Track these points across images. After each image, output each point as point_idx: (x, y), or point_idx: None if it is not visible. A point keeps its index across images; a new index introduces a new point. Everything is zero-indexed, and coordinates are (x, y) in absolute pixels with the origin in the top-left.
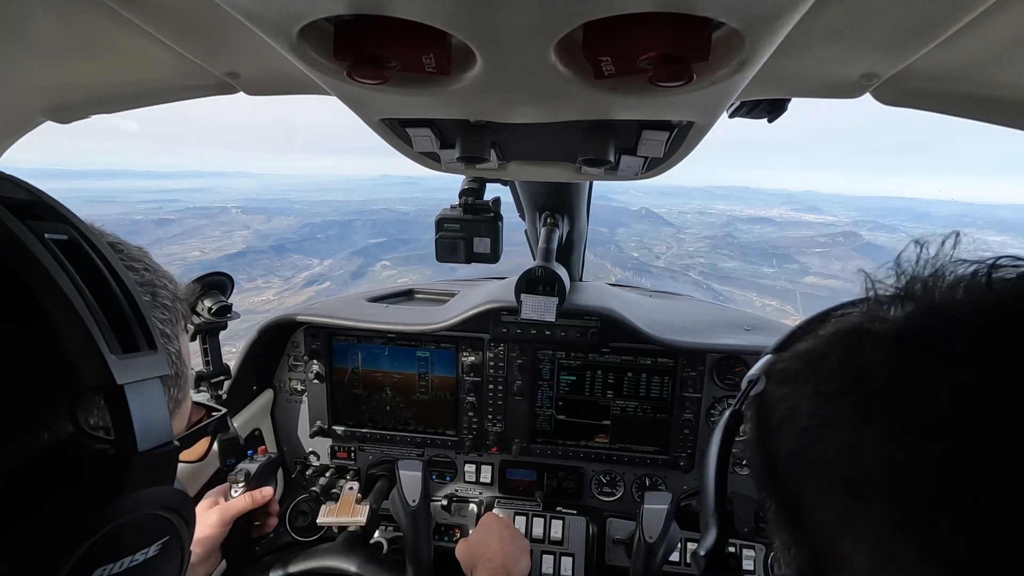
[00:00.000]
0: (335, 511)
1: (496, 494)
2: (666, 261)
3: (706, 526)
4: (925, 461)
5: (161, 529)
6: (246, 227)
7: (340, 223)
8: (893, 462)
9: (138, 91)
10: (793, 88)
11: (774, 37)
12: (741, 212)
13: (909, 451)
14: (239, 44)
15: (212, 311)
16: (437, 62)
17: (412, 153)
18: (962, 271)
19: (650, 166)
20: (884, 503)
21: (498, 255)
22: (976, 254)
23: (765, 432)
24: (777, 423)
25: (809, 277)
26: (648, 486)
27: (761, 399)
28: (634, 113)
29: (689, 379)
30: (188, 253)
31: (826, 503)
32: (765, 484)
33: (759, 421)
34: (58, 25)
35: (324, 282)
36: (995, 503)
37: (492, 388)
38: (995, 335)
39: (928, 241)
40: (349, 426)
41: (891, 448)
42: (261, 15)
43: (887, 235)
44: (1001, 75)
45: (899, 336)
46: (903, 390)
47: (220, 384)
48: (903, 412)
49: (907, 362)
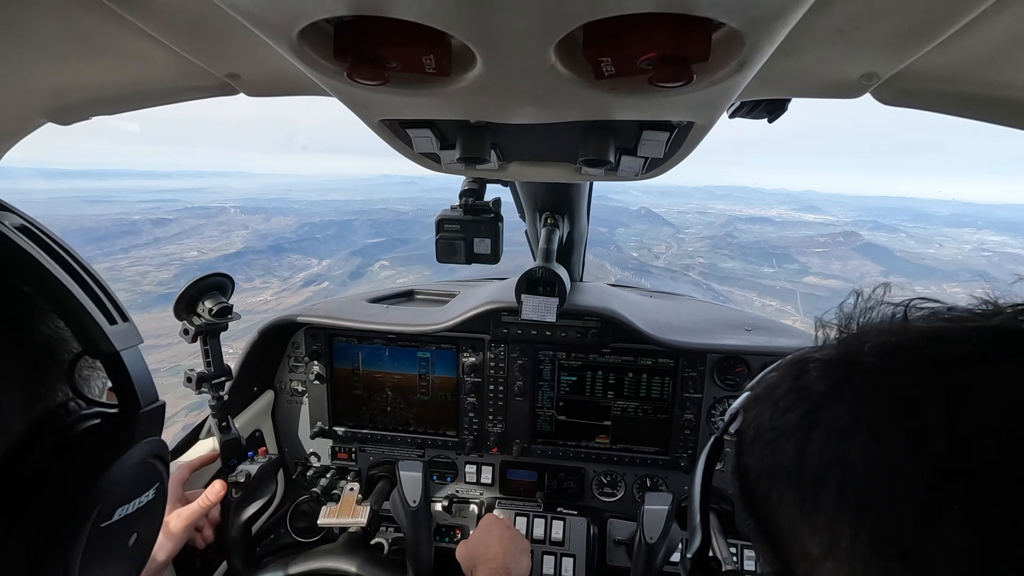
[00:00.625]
0: (336, 512)
1: (497, 495)
2: (665, 261)
3: (692, 532)
4: (851, 453)
5: (155, 474)
6: (244, 227)
7: (339, 223)
8: (830, 459)
9: (138, 92)
10: (793, 88)
11: (774, 37)
12: (740, 212)
13: (840, 448)
14: (239, 45)
15: (213, 312)
16: (437, 63)
17: (412, 154)
18: (886, 310)
19: (650, 166)
20: (826, 493)
21: (498, 256)
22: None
23: (741, 454)
24: (749, 442)
25: (809, 277)
26: (649, 486)
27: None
28: (634, 113)
29: (690, 379)
30: (186, 253)
31: (786, 504)
32: (744, 503)
33: (738, 446)
34: (59, 26)
35: (322, 282)
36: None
37: (493, 389)
38: (902, 355)
39: (864, 290)
40: (350, 427)
41: (827, 447)
42: (261, 16)
43: (887, 235)
44: (1002, 74)
45: (832, 361)
46: (834, 400)
47: (221, 385)
48: (834, 416)
49: (836, 378)
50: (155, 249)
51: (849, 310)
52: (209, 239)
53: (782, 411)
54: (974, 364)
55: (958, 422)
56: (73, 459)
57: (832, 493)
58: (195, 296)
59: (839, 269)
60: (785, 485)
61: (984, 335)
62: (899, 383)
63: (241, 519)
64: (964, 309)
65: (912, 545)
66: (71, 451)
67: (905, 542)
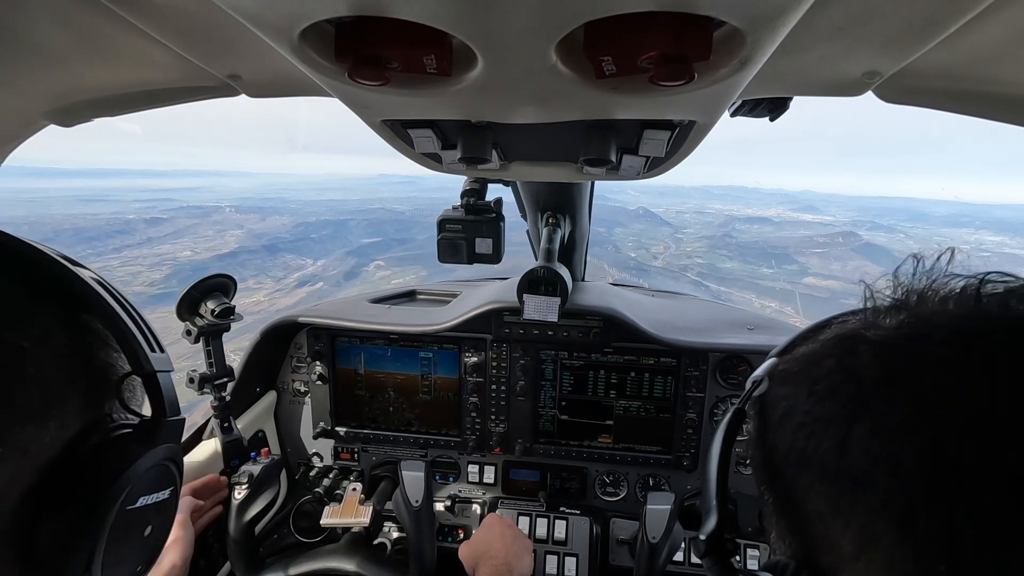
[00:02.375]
0: (338, 512)
1: (499, 494)
2: (664, 261)
3: (708, 512)
4: (905, 456)
5: (171, 478)
6: (239, 226)
7: (335, 223)
8: (877, 456)
9: (140, 94)
10: (795, 86)
11: (775, 35)
12: (739, 212)
13: (892, 447)
14: (240, 46)
15: (215, 313)
16: (438, 63)
17: (414, 154)
18: (953, 284)
19: (652, 165)
20: (868, 493)
21: (500, 255)
22: (969, 268)
23: (765, 429)
24: (776, 420)
25: (808, 278)
26: (652, 486)
27: (763, 399)
28: (635, 113)
29: (692, 379)
30: (179, 253)
31: (817, 494)
32: (764, 478)
33: (760, 419)
34: (61, 29)
35: (316, 283)
36: (966, 495)
37: (495, 388)
38: (976, 346)
39: (925, 256)
40: (352, 427)
41: (876, 444)
42: (262, 17)
43: (885, 235)
44: (1004, 71)
45: (890, 343)
46: (890, 391)
47: (224, 386)
48: (888, 411)
49: (895, 366)
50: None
51: (907, 278)
52: (203, 239)
53: (821, 394)
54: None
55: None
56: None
57: (877, 494)
58: (197, 297)
59: (838, 269)
60: (818, 475)
61: None
62: (972, 383)
63: (244, 520)
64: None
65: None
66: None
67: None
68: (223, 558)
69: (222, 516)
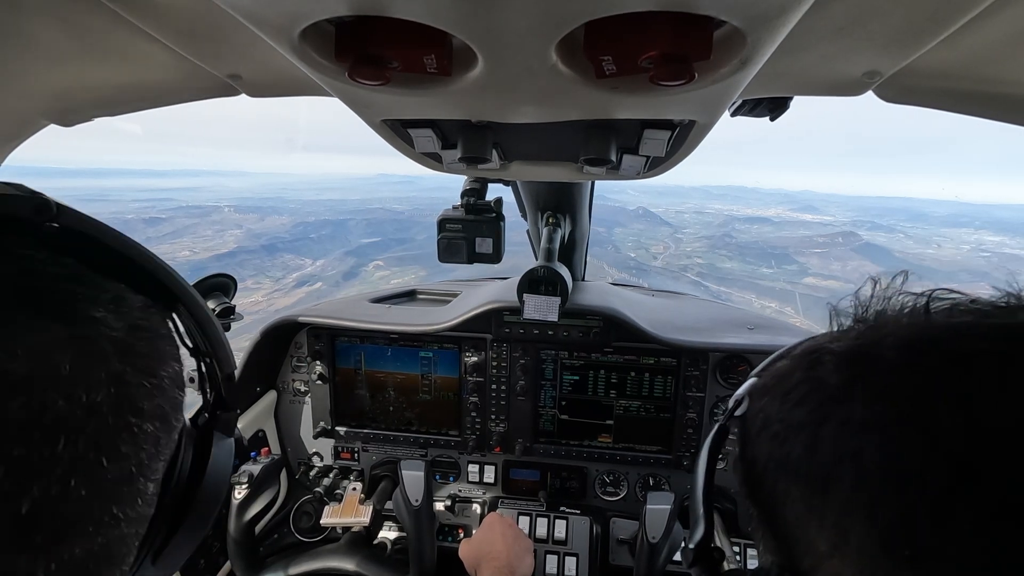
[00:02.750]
0: (339, 512)
1: (500, 494)
2: (663, 261)
3: (695, 524)
4: (866, 452)
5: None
6: (238, 226)
7: (334, 223)
8: (842, 454)
9: (140, 93)
10: (795, 86)
11: (776, 35)
12: (738, 212)
13: (854, 444)
14: (241, 46)
15: (216, 313)
16: (438, 62)
17: (414, 154)
18: (906, 301)
19: (652, 165)
20: (837, 489)
21: (500, 255)
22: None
23: (746, 443)
24: (755, 433)
25: (808, 278)
26: (652, 486)
27: (744, 416)
28: (636, 112)
29: (692, 378)
30: (178, 253)
31: (794, 499)
32: (747, 491)
33: (742, 434)
34: (61, 28)
35: (315, 283)
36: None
37: (495, 388)
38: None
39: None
40: (352, 427)
41: (840, 443)
42: (263, 17)
43: (885, 235)
44: (1004, 71)
45: (850, 352)
46: (850, 395)
47: None
48: (849, 413)
49: (855, 373)
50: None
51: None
52: (202, 238)
53: (792, 403)
54: (995, 364)
55: (975, 424)
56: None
57: (843, 490)
58: None
59: (838, 269)
60: (793, 479)
61: (1007, 332)
62: (917, 381)
63: (244, 519)
64: (987, 302)
65: (925, 548)
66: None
67: (918, 545)
68: (223, 557)
69: (222, 516)
